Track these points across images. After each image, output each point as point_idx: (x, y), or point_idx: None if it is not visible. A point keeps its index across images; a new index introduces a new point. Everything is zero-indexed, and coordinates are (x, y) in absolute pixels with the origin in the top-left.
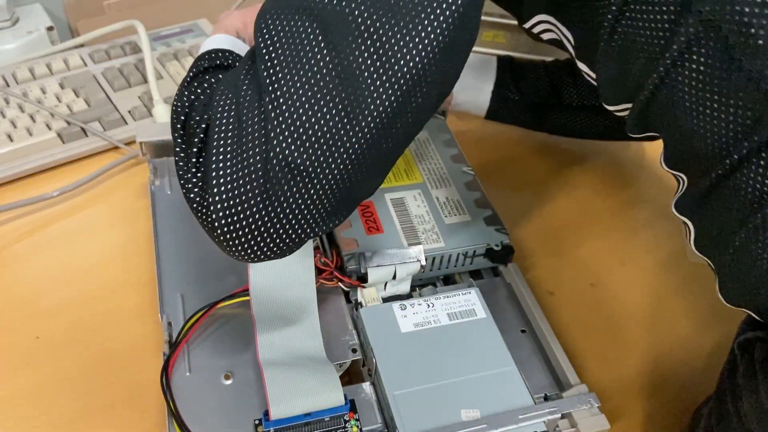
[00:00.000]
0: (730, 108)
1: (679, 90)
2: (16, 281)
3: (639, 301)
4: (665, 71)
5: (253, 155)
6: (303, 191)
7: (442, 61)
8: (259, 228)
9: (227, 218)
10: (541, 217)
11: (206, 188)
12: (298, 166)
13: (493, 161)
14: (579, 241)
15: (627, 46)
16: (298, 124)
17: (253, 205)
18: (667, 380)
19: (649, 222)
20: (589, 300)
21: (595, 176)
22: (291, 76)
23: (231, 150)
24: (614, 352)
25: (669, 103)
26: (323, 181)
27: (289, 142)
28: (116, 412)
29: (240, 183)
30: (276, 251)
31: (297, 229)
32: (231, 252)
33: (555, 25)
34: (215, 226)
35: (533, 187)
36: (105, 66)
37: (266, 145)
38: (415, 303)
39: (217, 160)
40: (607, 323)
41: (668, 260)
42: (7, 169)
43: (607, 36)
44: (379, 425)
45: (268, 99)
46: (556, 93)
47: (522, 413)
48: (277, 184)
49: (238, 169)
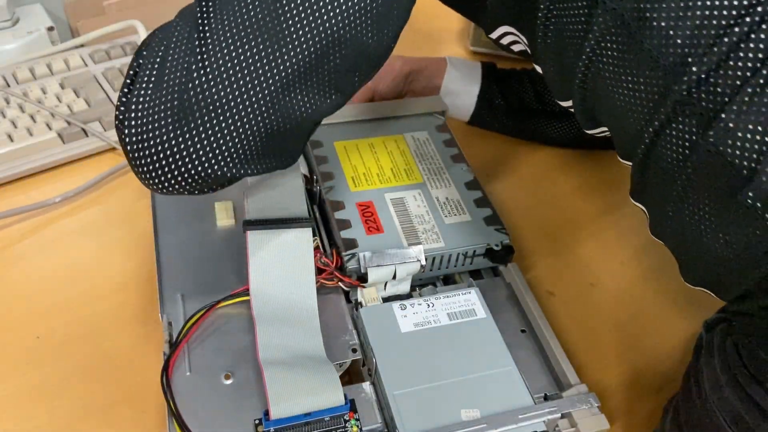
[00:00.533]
0: (641, 86)
1: (602, 77)
2: (16, 281)
3: (639, 301)
4: (588, 60)
5: (173, 82)
6: (216, 125)
7: (378, 8)
8: (168, 154)
9: (139, 137)
10: (541, 217)
11: (127, 106)
12: (214, 101)
13: (493, 161)
14: (579, 241)
15: (557, 42)
16: (221, 57)
17: (165, 131)
18: (667, 380)
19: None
20: (589, 300)
21: (595, 176)
22: (223, 12)
23: (155, 74)
24: (614, 352)
25: (597, 91)
26: (236, 118)
27: (210, 76)
28: (116, 411)
29: (155, 105)
30: (184, 184)
31: (205, 163)
32: (142, 177)
33: (516, 34)
34: (126, 142)
35: (533, 186)
36: (105, 66)
37: (188, 73)
38: (415, 303)
39: (141, 81)
40: (607, 323)
41: (668, 260)
42: (8, 169)
43: (542, 34)
44: (379, 425)
45: (198, 31)
46: (539, 99)
47: (522, 413)
48: (191, 114)
49: (156, 94)
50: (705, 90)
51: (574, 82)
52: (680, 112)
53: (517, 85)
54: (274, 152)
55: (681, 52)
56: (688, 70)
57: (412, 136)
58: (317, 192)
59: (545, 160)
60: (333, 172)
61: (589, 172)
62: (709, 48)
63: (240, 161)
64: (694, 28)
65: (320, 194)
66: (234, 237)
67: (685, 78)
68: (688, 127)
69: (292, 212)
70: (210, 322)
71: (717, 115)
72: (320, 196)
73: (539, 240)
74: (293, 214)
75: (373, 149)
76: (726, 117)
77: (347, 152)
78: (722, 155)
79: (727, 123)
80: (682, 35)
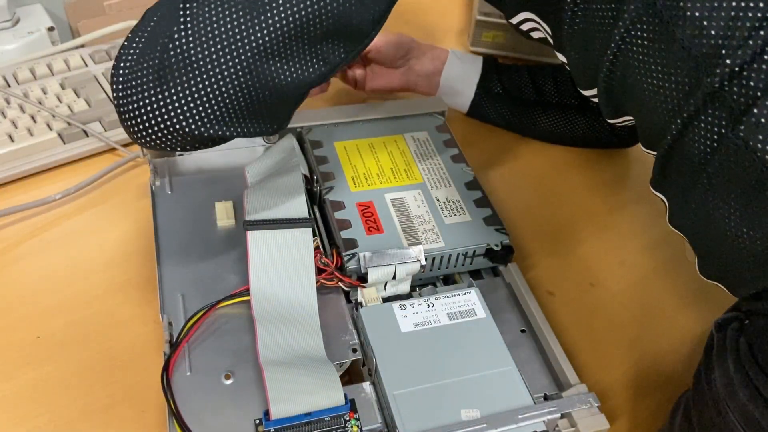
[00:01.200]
0: (671, 76)
1: (630, 66)
2: (17, 281)
3: (639, 301)
4: (617, 49)
5: (156, 42)
6: (193, 84)
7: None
8: (149, 109)
9: (124, 92)
10: (541, 217)
11: (116, 65)
12: (192, 61)
13: (493, 161)
14: (579, 241)
15: (585, 29)
16: (201, 21)
17: (145, 87)
18: (668, 380)
19: (649, 222)
20: (589, 300)
21: (595, 176)
22: None
23: (145, 37)
24: (614, 352)
25: (625, 80)
26: (213, 79)
27: (190, 38)
28: (116, 411)
29: (139, 62)
30: (164, 139)
31: (183, 119)
32: (128, 131)
33: (538, 21)
34: (114, 97)
35: (533, 187)
36: (106, 66)
37: (170, 34)
38: (415, 303)
39: (131, 42)
40: (607, 323)
41: (668, 261)
42: (8, 169)
43: (569, 20)
44: (379, 425)
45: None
46: (538, 90)
47: (522, 413)
48: (170, 72)
49: (142, 52)
50: (737, 83)
51: (601, 70)
52: (710, 104)
53: (516, 76)
54: (257, 116)
55: (714, 43)
56: (720, 63)
57: (412, 136)
58: (317, 192)
59: (545, 160)
60: (333, 172)
61: (590, 172)
62: (744, 41)
63: (218, 121)
64: (729, 20)
65: (320, 194)
66: (234, 237)
67: (718, 70)
68: (718, 119)
69: (292, 212)
70: (210, 322)
71: (749, 110)
72: (320, 196)
73: (539, 240)
74: (293, 214)
75: (373, 149)
76: (758, 112)
77: (347, 152)
78: (752, 150)
79: (759, 118)
80: (716, 26)
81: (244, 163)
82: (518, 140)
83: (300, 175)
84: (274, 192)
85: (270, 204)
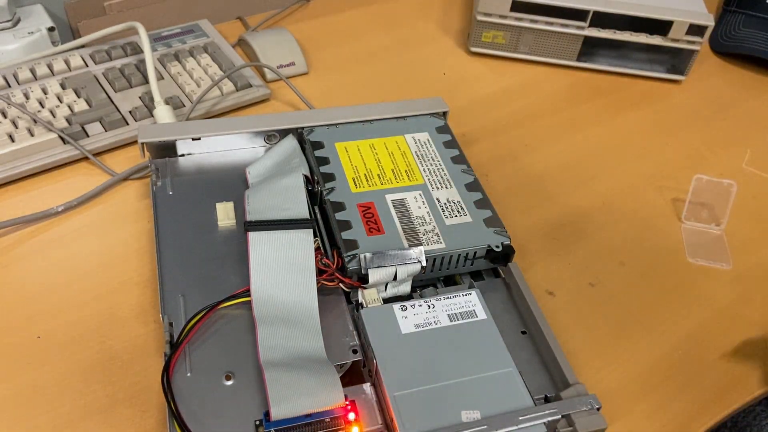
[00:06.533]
0: None
1: None
2: (17, 281)
3: (639, 301)
4: None
5: None
6: None
7: None
8: None
9: None
10: (541, 217)
11: None
12: None
13: (493, 162)
14: (579, 241)
15: None
16: None
17: None
18: (667, 380)
19: (649, 222)
20: (589, 300)
21: (594, 177)
22: None
23: None
24: (614, 352)
25: None
26: None
27: None
28: (116, 412)
29: None
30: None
31: None
32: None
33: None
34: None
35: (533, 187)
36: (106, 66)
37: None
38: (416, 304)
39: None
40: (607, 323)
41: (668, 260)
42: (9, 169)
43: None
44: (379, 426)
45: None
46: None
47: (522, 414)
48: None
49: None
50: None
51: None
52: None
53: None
54: None
55: None
56: None
57: (413, 137)
58: (318, 193)
59: (545, 160)
60: (334, 173)
61: (590, 172)
62: None
63: None
64: None
65: (321, 195)
66: (235, 238)
67: None
68: None
69: (293, 213)
70: (211, 323)
71: None
72: (321, 197)
73: (539, 240)
74: (294, 215)
75: (374, 150)
76: None
77: (348, 153)
78: None
79: None
80: None
81: (245, 163)
82: (519, 141)
83: (301, 176)
84: (275, 193)
85: (271, 205)
